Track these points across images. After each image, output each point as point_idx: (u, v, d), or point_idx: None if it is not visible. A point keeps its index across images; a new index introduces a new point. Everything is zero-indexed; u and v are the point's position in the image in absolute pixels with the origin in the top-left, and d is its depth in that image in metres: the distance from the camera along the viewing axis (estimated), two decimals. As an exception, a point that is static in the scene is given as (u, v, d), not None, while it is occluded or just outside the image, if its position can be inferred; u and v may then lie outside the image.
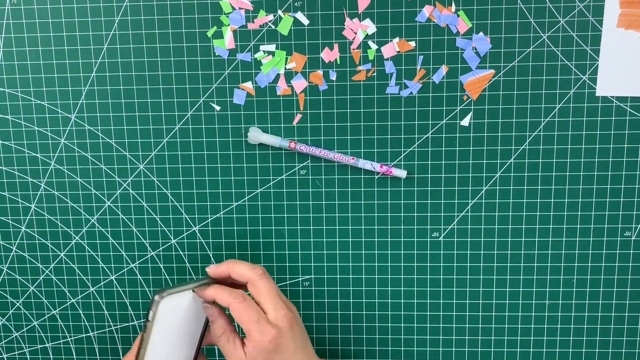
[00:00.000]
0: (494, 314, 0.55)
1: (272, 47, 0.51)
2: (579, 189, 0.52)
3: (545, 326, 0.55)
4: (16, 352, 0.59)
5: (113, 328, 0.58)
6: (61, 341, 0.59)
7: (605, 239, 0.53)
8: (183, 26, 0.51)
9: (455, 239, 0.54)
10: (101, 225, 0.56)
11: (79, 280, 0.57)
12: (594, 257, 0.53)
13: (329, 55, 0.51)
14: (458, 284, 0.55)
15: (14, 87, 0.53)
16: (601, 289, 0.54)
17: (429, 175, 0.53)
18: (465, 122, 0.51)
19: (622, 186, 0.52)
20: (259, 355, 0.43)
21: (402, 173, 0.52)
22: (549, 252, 0.53)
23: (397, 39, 0.50)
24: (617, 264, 0.53)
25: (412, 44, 0.50)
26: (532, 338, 0.55)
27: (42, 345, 0.59)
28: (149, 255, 0.56)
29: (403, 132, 0.52)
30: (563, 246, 0.53)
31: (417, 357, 0.56)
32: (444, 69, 0.50)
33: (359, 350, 0.57)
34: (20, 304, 0.58)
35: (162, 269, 0.56)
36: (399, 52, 0.50)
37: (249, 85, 0.52)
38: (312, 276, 0.56)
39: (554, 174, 0.52)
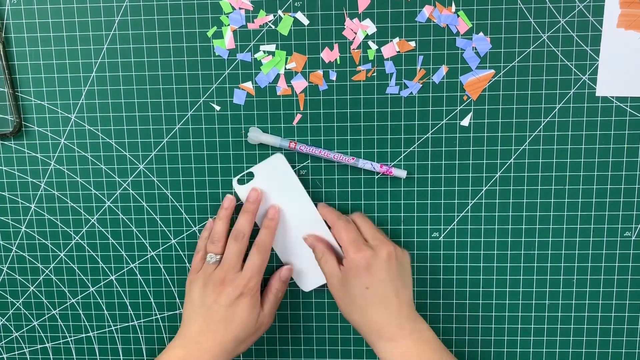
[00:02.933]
0: (494, 314, 0.55)
1: (272, 47, 0.51)
2: (579, 189, 0.52)
3: (545, 326, 0.55)
4: (16, 352, 0.59)
5: (113, 328, 0.58)
6: (61, 341, 0.59)
7: (605, 239, 0.53)
8: (183, 26, 0.51)
9: (455, 239, 0.54)
10: (101, 225, 0.56)
11: (79, 280, 0.57)
12: (593, 257, 0.53)
13: (329, 55, 0.51)
14: (458, 284, 0.55)
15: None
16: (601, 289, 0.54)
17: (429, 175, 0.53)
18: (465, 122, 0.51)
19: (622, 186, 0.52)
20: (351, 271, 0.48)
21: (402, 173, 0.52)
22: (549, 252, 0.53)
23: (397, 39, 0.50)
24: (617, 264, 0.53)
25: (412, 44, 0.50)
26: (532, 338, 0.55)
27: (42, 345, 0.59)
28: (149, 256, 0.56)
29: (403, 132, 0.52)
30: (563, 246, 0.53)
31: (417, 357, 0.56)
32: (444, 69, 0.50)
33: (359, 350, 0.57)
34: (20, 304, 0.58)
35: (162, 269, 0.56)
36: (399, 52, 0.50)
37: (249, 85, 0.52)
38: (312, 276, 0.56)
39: (554, 174, 0.52)
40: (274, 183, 0.52)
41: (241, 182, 0.53)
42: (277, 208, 0.52)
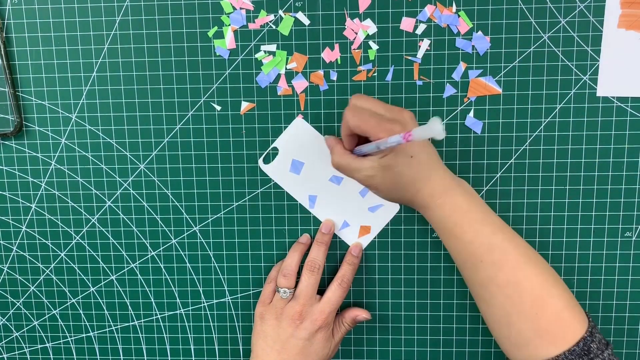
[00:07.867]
0: (494, 314, 0.55)
1: (272, 47, 0.51)
2: (580, 190, 0.52)
3: (546, 326, 0.55)
4: (16, 352, 0.59)
5: (113, 328, 0.58)
6: (61, 341, 0.59)
7: (605, 239, 0.53)
8: (184, 26, 0.51)
9: (456, 239, 0.54)
10: (102, 225, 0.56)
11: (80, 280, 0.57)
12: (594, 257, 0.53)
13: (330, 55, 0.51)
14: (458, 284, 0.55)
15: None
16: (602, 290, 0.54)
17: (430, 176, 0.53)
18: (466, 122, 0.51)
19: (623, 186, 0.52)
20: (386, 159, 0.43)
21: (431, 131, 0.36)
22: (550, 252, 0.53)
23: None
24: (617, 265, 0.53)
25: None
26: (532, 338, 0.55)
27: (42, 345, 0.59)
28: (149, 255, 0.56)
29: (404, 132, 0.52)
30: (564, 247, 0.53)
31: (417, 357, 0.56)
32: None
33: (359, 350, 0.57)
34: (20, 303, 0.58)
35: (163, 269, 0.56)
36: (400, 53, 0.50)
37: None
38: (313, 276, 0.55)
39: (554, 174, 0.52)
40: (302, 148, 0.52)
41: (267, 160, 0.53)
42: (361, 246, 0.53)
